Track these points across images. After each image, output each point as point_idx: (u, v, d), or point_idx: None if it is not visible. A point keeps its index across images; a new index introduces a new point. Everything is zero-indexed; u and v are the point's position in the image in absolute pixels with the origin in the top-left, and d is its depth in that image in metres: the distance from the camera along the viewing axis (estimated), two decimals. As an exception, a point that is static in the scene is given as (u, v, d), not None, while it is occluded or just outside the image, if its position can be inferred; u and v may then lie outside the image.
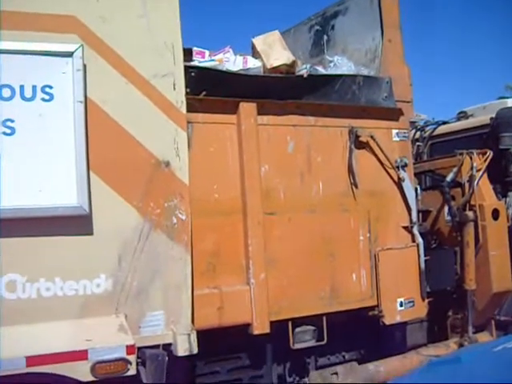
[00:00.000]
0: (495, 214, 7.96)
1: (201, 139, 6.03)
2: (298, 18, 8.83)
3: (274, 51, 6.90)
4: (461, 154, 8.07)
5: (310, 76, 6.91)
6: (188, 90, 5.81)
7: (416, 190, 7.53)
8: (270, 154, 6.45)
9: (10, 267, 4.99)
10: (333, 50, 8.02)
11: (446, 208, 8.12)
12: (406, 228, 7.29)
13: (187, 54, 6.34)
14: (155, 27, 5.63)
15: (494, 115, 9.21)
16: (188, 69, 5.97)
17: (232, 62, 6.75)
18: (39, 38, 5.13)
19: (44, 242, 5.10)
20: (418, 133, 10.35)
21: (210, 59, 6.70)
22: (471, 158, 8.02)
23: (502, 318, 8.28)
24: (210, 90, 6.19)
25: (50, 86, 5.14)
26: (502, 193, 8.70)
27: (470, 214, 7.87)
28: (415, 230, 7.29)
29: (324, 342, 6.69)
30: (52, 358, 4.86)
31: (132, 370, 5.11)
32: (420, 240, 7.29)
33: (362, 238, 6.93)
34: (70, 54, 5.17)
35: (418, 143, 10.16)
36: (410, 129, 7.94)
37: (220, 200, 6.16)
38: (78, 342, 5.03)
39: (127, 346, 5.10)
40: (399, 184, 7.22)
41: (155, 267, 5.48)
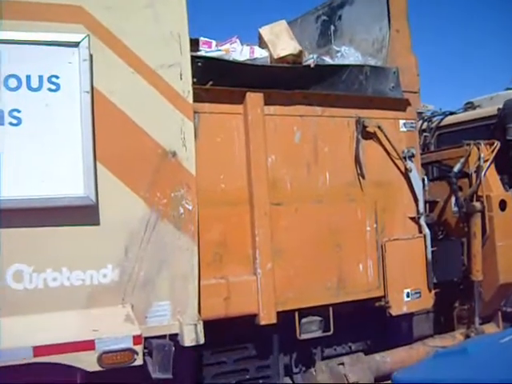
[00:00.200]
0: (502, 204, 7.94)
1: (207, 129, 6.02)
2: (304, 8, 8.79)
3: (280, 41, 6.87)
4: (468, 144, 8.05)
5: (316, 66, 6.91)
6: (195, 79, 5.78)
7: (423, 180, 7.52)
8: (277, 144, 6.44)
9: (17, 257, 4.99)
10: (340, 40, 8.00)
11: (453, 199, 8.10)
12: (412, 219, 7.28)
13: (194, 44, 6.33)
14: (162, 17, 5.60)
15: (501, 106, 9.19)
16: (195, 59, 5.95)
17: (239, 52, 6.73)
18: (45, 28, 5.11)
19: (51, 232, 5.09)
20: (425, 123, 10.33)
21: (217, 49, 6.69)
22: (478, 149, 8.00)
23: (509, 310, 8.29)
24: (217, 80, 6.18)
25: (57, 76, 5.13)
26: (509, 183, 8.71)
27: (477, 204, 7.86)
28: (422, 221, 7.28)
29: (330, 332, 6.68)
30: (59, 348, 4.85)
31: (139, 361, 5.10)
32: (427, 231, 7.28)
33: (368, 228, 6.92)
34: (76, 44, 5.15)
35: (425, 134, 10.14)
36: (417, 119, 7.92)
37: (226, 190, 6.15)
38: (84, 332, 5.03)
39: (134, 337, 5.09)
40: (406, 174, 7.21)
41: (162, 257, 5.47)
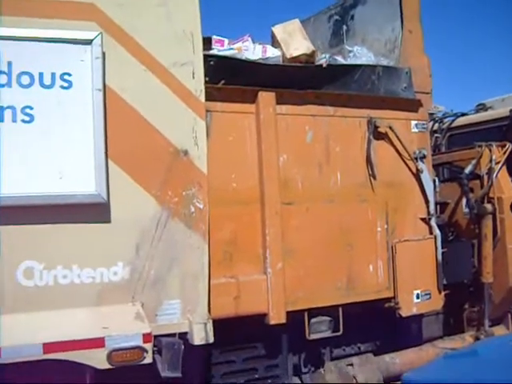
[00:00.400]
0: (514, 206, 7.92)
1: (219, 128, 6.02)
2: (317, 8, 8.79)
3: (294, 40, 6.86)
4: (480, 146, 8.03)
5: (329, 66, 6.90)
6: (207, 78, 5.79)
7: (434, 181, 7.50)
8: (289, 143, 6.44)
9: (28, 254, 5.00)
10: (352, 40, 7.98)
11: (464, 200, 8.08)
12: (423, 220, 7.26)
13: (206, 43, 6.33)
14: (174, 15, 5.61)
15: (513, 107, 9.16)
16: (207, 57, 5.96)
17: (251, 50, 6.71)
18: (58, 26, 5.12)
19: (61, 230, 5.11)
20: (436, 124, 10.29)
21: (229, 48, 6.67)
22: (490, 151, 7.99)
23: (519, 312, 8.25)
24: (229, 79, 6.19)
25: (69, 74, 5.14)
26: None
27: (489, 206, 7.84)
28: (433, 222, 7.27)
29: (340, 332, 6.68)
30: (69, 345, 4.87)
31: (148, 359, 5.11)
32: (437, 232, 7.26)
33: (379, 229, 6.91)
34: (89, 42, 5.16)
35: (436, 135, 10.11)
36: (428, 120, 7.90)
37: (238, 189, 6.15)
38: (94, 329, 5.04)
39: (144, 335, 5.10)
40: (417, 175, 7.19)
41: (172, 256, 5.47)
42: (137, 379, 5.27)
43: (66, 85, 5.13)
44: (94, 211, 5.17)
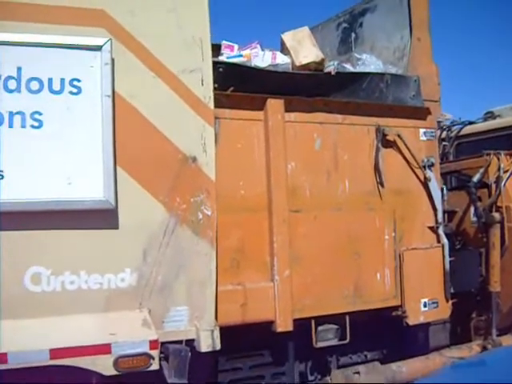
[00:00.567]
0: (522, 215, 7.90)
1: (228, 135, 6.01)
2: (326, 15, 8.79)
3: (303, 48, 6.85)
4: (488, 154, 8.02)
5: (337, 73, 6.88)
6: (216, 85, 5.79)
7: (442, 190, 7.47)
8: (297, 151, 6.42)
9: (35, 260, 5.01)
10: (361, 47, 7.97)
11: (471, 209, 8.07)
12: (431, 228, 7.24)
13: (216, 50, 6.33)
14: (184, 22, 5.61)
15: (521, 116, 9.15)
16: (216, 64, 5.96)
17: (261, 57, 6.70)
18: (68, 31, 5.13)
19: (69, 235, 5.11)
20: (444, 132, 10.28)
21: (239, 54, 6.67)
22: (498, 159, 7.98)
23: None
24: (238, 86, 6.18)
25: (78, 80, 5.15)
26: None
27: (497, 215, 7.82)
28: (440, 231, 7.24)
29: (347, 341, 6.65)
30: (75, 351, 4.87)
31: (155, 365, 5.11)
32: (445, 241, 7.23)
33: (387, 237, 6.89)
34: (98, 48, 5.17)
35: (444, 143, 10.09)
36: (437, 128, 7.89)
37: (246, 196, 6.14)
38: (101, 335, 5.05)
39: (150, 341, 5.09)
40: (425, 184, 7.17)
41: (180, 262, 5.47)
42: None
43: (75, 90, 5.13)
44: (101, 217, 5.18)
